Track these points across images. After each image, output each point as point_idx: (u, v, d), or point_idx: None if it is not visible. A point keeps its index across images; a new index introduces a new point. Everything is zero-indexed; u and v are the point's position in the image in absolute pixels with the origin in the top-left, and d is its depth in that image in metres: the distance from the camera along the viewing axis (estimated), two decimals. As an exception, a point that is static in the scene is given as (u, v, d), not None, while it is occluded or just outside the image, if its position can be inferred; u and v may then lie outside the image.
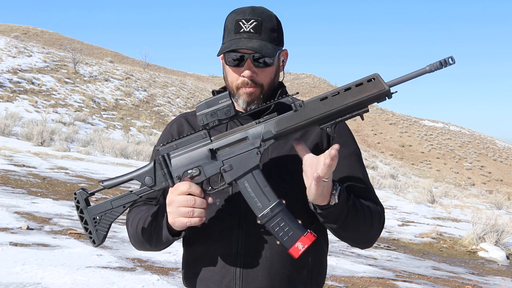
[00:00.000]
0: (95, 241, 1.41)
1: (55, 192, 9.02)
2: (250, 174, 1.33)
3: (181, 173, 1.34)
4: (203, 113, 1.32)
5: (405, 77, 1.27)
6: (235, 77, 1.48)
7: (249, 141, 1.32)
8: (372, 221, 1.46)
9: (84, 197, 1.41)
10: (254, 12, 1.47)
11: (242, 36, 1.45)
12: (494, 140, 74.54)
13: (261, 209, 1.32)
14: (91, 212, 1.40)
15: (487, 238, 9.10)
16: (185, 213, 1.32)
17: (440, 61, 1.22)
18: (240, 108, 1.53)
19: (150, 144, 22.95)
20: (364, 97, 1.26)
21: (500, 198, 21.19)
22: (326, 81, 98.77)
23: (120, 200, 1.40)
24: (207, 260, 1.49)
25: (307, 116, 1.29)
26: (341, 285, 5.46)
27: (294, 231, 1.30)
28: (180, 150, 1.35)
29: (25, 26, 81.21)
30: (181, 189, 1.32)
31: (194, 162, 1.34)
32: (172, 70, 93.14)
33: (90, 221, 1.40)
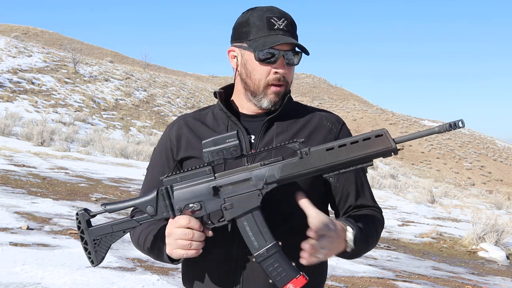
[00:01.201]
0: (93, 261, 1.44)
1: (55, 192, 9.02)
2: (250, 214, 1.34)
3: (183, 206, 1.36)
4: (209, 151, 1.32)
5: (413, 135, 1.30)
6: (265, 73, 1.46)
7: (252, 182, 1.33)
8: (378, 237, 1.51)
9: (86, 218, 1.43)
10: (280, 11, 1.48)
11: (278, 33, 1.45)
12: (494, 140, 74.52)
13: (257, 248, 1.34)
14: (92, 233, 1.43)
15: (487, 238, 9.10)
16: (183, 246, 1.34)
17: (450, 123, 1.25)
18: (242, 106, 1.53)
19: (150, 144, 22.96)
20: (370, 152, 1.28)
21: (500, 198, 21.19)
22: (326, 81, 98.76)
23: (120, 225, 1.42)
24: (208, 262, 1.49)
25: (311, 165, 1.30)
26: (341, 285, 5.46)
27: (287, 273, 1.32)
28: (183, 183, 1.37)
29: (25, 26, 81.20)
30: (181, 222, 1.34)
31: (196, 197, 1.35)
32: (172, 70, 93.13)
33: (90, 242, 1.43)
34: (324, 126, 1.54)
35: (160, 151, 1.59)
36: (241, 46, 1.49)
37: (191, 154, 1.52)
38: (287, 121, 1.53)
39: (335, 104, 79.64)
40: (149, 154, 18.89)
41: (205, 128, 1.55)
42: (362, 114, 74.33)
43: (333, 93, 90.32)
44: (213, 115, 1.58)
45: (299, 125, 1.53)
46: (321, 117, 1.56)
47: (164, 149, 1.58)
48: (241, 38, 1.49)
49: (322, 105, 75.26)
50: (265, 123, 1.51)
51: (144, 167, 15.15)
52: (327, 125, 1.54)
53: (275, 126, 1.52)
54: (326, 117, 1.57)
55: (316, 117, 1.56)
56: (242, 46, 1.49)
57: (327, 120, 1.56)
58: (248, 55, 1.48)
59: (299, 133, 1.52)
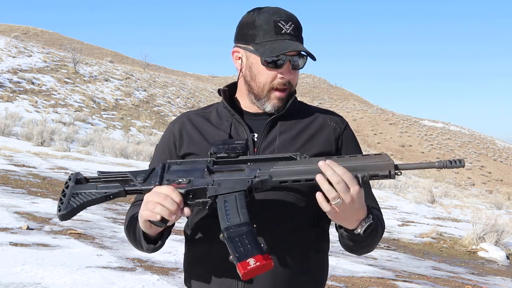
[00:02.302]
0: (60, 209, 1.34)
1: (55, 192, 9.02)
2: (234, 195, 1.32)
3: (172, 179, 1.36)
4: (216, 145, 1.39)
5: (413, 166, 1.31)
6: (270, 77, 1.47)
7: (245, 172, 1.34)
8: (381, 236, 1.50)
9: (77, 177, 1.41)
10: (287, 14, 1.48)
11: (286, 38, 1.45)
12: (494, 140, 74.54)
13: (228, 223, 1.28)
14: (75, 188, 1.39)
15: (487, 238, 9.10)
16: (151, 207, 1.28)
17: (450, 160, 1.27)
18: (246, 105, 1.54)
19: (150, 144, 22.95)
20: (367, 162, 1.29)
21: (500, 198, 21.18)
22: (326, 81, 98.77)
23: (105, 187, 1.38)
24: (209, 260, 1.49)
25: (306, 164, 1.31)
26: (341, 285, 5.46)
27: (251, 249, 1.22)
28: (182, 166, 1.39)
29: (25, 26, 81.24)
30: (163, 190, 1.30)
31: (188, 175, 1.36)
32: (172, 70, 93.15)
33: (69, 194, 1.37)
34: (328, 126, 1.54)
35: (163, 147, 1.59)
36: (247, 48, 1.49)
37: (192, 151, 1.52)
38: (290, 121, 1.53)
39: (335, 104, 79.65)
40: (149, 154, 18.89)
41: (209, 125, 1.55)
42: (362, 114, 74.34)
43: (333, 93, 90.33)
44: (217, 113, 1.58)
45: (303, 124, 1.53)
46: (325, 117, 1.57)
47: (167, 144, 1.58)
48: (246, 40, 1.48)
49: (322, 105, 75.23)
50: (268, 122, 1.51)
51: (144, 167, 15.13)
52: (331, 124, 1.55)
53: (279, 125, 1.52)
54: (330, 117, 1.57)
55: (320, 117, 1.56)
56: (247, 49, 1.48)
57: (331, 120, 1.56)
58: (254, 58, 1.47)
59: (302, 132, 1.52)
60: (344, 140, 1.54)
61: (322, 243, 1.54)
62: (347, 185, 1.24)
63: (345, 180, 1.24)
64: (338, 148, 1.53)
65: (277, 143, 1.49)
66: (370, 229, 1.35)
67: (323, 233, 1.54)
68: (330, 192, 1.24)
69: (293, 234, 1.46)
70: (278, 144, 1.49)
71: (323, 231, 1.54)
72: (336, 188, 1.23)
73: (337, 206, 1.25)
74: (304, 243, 1.47)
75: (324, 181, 1.24)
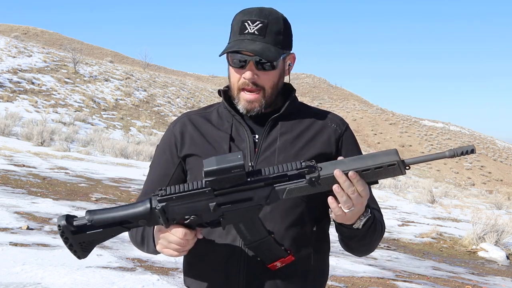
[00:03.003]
0: (80, 257, 1.37)
1: (55, 192, 9.02)
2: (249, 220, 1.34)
3: (177, 218, 1.31)
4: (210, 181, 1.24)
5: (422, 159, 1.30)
6: (237, 78, 1.47)
7: (253, 202, 1.30)
8: (381, 236, 1.50)
9: (70, 230, 1.32)
10: (261, 14, 1.45)
11: (246, 38, 1.43)
12: (494, 140, 74.53)
13: (249, 240, 1.37)
14: (78, 239, 1.33)
15: (487, 238, 9.10)
16: (175, 249, 1.35)
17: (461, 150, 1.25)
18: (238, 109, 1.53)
19: (150, 144, 22.95)
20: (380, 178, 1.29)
21: (500, 198, 21.17)
22: (326, 81, 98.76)
23: (109, 232, 1.34)
24: (210, 260, 1.49)
25: (318, 189, 1.29)
26: (341, 285, 5.45)
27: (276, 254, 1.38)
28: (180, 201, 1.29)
29: (25, 26, 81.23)
30: (177, 234, 1.32)
31: (193, 211, 1.30)
32: (172, 70, 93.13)
33: (76, 244, 1.34)
34: (329, 127, 1.54)
35: (164, 148, 1.58)
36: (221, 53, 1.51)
37: (193, 152, 1.52)
38: (291, 121, 1.53)
39: (335, 104, 79.63)
40: (149, 154, 18.89)
41: (210, 125, 1.55)
42: (362, 114, 74.32)
43: (333, 93, 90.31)
44: (218, 113, 1.58)
45: (304, 125, 1.53)
46: (326, 118, 1.56)
47: (168, 145, 1.57)
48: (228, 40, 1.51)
49: (322, 105, 75.22)
50: (269, 123, 1.51)
51: (144, 167, 15.14)
52: (331, 126, 1.54)
53: (279, 126, 1.52)
54: (331, 118, 1.57)
55: (320, 118, 1.56)
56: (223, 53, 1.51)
57: (331, 121, 1.56)
58: (227, 59, 1.50)
59: (303, 133, 1.52)
60: (345, 141, 1.54)
61: (323, 244, 1.54)
62: (360, 195, 1.28)
63: (358, 190, 1.27)
64: (338, 149, 1.53)
65: (277, 144, 1.49)
66: (369, 223, 1.37)
67: (323, 234, 1.54)
68: (346, 203, 1.27)
69: (294, 234, 1.46)
70: (279, 145, 1.48)
71: (323, 232, 1.54)
72: (351, 198, 1.27)
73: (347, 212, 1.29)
74: (305, 243, 1.48)
75: (342, 193, 1.27)
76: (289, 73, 1.57)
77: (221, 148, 1.49)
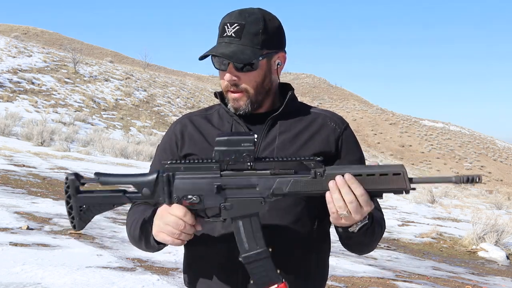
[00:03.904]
0: (75, 226, 1.40)
1: (55, 192, 9.02)
2: (248, 218, 1.33)
3: (181, 196, 1.32)
4: (221, 150, 1.27)
5: (428, 180, 1.31)
6: (221, 80, 1.49)
7: (257, 190, 1.31)
8: (381, 235, 1.50)
9: (75, 185, 1.38)
10: (240, 16, 1.46)
11: (224, 41, 1.45)
12: (494, 140, 74.53)
13: (246, 250, 1.33)
14: (79, 200, 1.37)
15: (487, 238, 9.10)
16: (171, 233, 1.33)
17: (467, 177, 1.24)
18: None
19: (150, 144, 22.95)
20: (383, 188, 1.28)
21: (500, 198, 21.16)
22: (326, 81, 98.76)
23: (111, 198, 1.37)
24: (210, 260, 1.49)
25: (323, 186, 1.29)
26: (341, 285, 5.45)
27: (269, 277, 1.32)
28: (186, 174, 1.32)
29: (25, 26, 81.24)
30: (176, 212, 1.32)
31: (197, 190, 1.31)
32: (172, 70, 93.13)
33: (75, 208, 1.39)
34: (328, 126, 1.54)
35: (164, 147, 1.60)
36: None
37: (193, 151, 1.53)
38: (290, 120, 1.53)
39: (335, 104, 79.63)
40: (149, 154, 18.89)
41: (210, 126, 1.56)
42: (362, 114, 74.32)
43: (333, 93, 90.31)
44: (218, 114, 1.59)
45: (303, 125, 1.53)
46: (325, 117, 1.56)
47: (169, 144, 1.59)
48: None
49: (322, 105, 75.20)
50: (268, 122, 1.51)
51: (144, 167, 15.14)
52: (331, 125, 1.54)
53: (278, 125, 1.52)
54: (330, 117, 1.57)
55: (320, 117, 1.55)
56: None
57: (331, 120, 1.55)
58: None
59: (302, 132, 1.51)
60: (345, 140, 1.54)
61: (323, 244, 1.54)
62: (360, 205, 1.26)
63: (360, 202, 1.26)
64: (338, 148, 1.52)
65: (276, 143, 1.49)
66: (365, 228, 1.36)
67: (323, 234, 1.54)
68: (341, 209, 1.27)
69: (294, 234, 1.46)
70: (277, 144, 1.49)
71: (323, 232, 1.54)
72: (348, 206, 1.26)
73: (343, 217, 1.28)
74: (305, 243, 1.48)
75: (339, 199, 1.26)
76: (279, 72, 1.54)
77: None
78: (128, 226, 1.54)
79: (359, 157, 1.56)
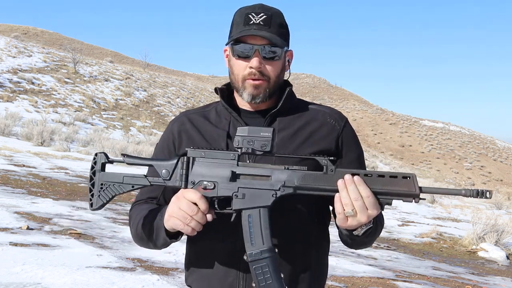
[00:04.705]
0: (92, 204, 1.43)
1: (55, 192, 9.02)
2: (258, 211, 1.34)
3: (197, 181, 1.35)
4: (241, 136, 1.33)
5: (438, 190, 1.31)
6: (242, 68, 1.47)
7: (270, 181, 1.33)
8: (381, 232, 1.51)
9: (102, 161, 1.44)
10: (263, 7, 1.49)
11: (252, 27, 1.45)
12: (494, 140, 74.50)
13: (252, 246, 1.33)
14: (103, 177, 1.43)
15: (487, 238, 9.10)
16: (183, 217, 1.33)
17: (477, 190, 1.25)
18: (243, 103, 1.54)
19: (150, 144, 22.95)
20: (393, 190, 1.28)
21: (500, 198, 21.17)
22: (326, 81, 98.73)
23: (131, 178, 1.42)
24: (211, 258, 1.49)
25: (333, 183, 1.29)
26: (341, 285, 5.46)
27: (272, 282, 1.30)
28: (206, 160, 1.36)
29: (25, 26, 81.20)
30: (191, 196, 1.33)
31: (212, 176, 1.35)
32: (172, 70, 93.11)
33: (97, 184, 1.43)
34: (328, 123, 1.54)
35: (162, 146, 1.61)
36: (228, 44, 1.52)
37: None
38: (289, 117, 1.53)
39: (335, 104, 79.59)
40: (149, 154, 18.89)
41: (208, 123, 1.56)
42: (362, 114, 74.31)
43: (333, 93, 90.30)
44: (216, 112, 1.59)
45: (302, 122, 1.53)
46: (324, 114, 1.56)
47: (166, 143, 1.60)
48: (228, 36, 1.52)
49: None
50: (267, 119, 1.51)
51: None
52: (330, 122, 1.54)
53: (277, 122, 1.52)
54: (330, 114, 1.57)
55: (319, 114, 1.56)
56: (228, 45, 1.52)
57: (330, 117, 1.56)
58: (229, 51, 1.51)
59: (301, 130, 1.52)
60: (345, 138, 1.54)
61: (323, 242, 1.55)
62: (365, 205, 1.26)
63: (366, 203, 1.26)
64: (338, 146, 1.53)
65: (276, 140, 1.48)
66: (369, 231, 1.37)
67: (323, 232, 1.55)
68: (347, 206, 1.27)
69: (295, 231, 1.47)
70: (277, 142, 1.48)
71: (323, 230, 1.55)
72: (354, 204, 1.26)
73: (348, 216, 1.29)
74: (305, 240, 1.49)
75: (346, 195, 1.27)
76: (289, 69, 1.58)
77: (218, 145, 1.50)
78: (134, 223, 1.53)
79: (359, 154, 1.57)
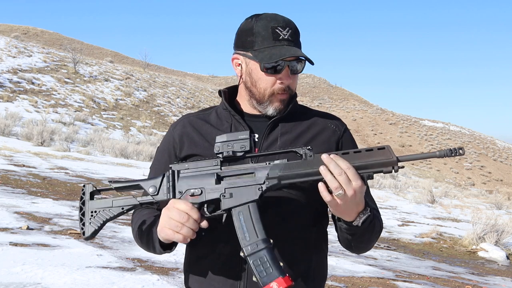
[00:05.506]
0: (84, 233, 1.44)
1: (55, 192, 9.02)
2: (247, 206, 1.36)
3: (184, 190, 1.38)
4: (221, 142, 1.39)
5: (414, 156, 1.34)
6: (270, 83, 1.49)
7: (254, 177, 1.36)
8: (380, 234, 1.52)
9: (90, 190, 1.46)
10: (284, 20, 1.50)
11: (283, 44, 1.47)
12: (494, 140, 74.52)
13: (247, 242, 1.35)
14: (92, 205, 1.44)
15: (487, 238, 9.10)
16: (174, 226, 1.34)
17: (450, 149, 1.30)
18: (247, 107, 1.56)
19: (150, 144, 22.96)
20: (372, 161, 1.31)
21: (500, 198, 21.18)
22: (326, 81, 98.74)
23: (120, 201, 1.44)
24: (212, 260, 1.50)
25: (313, 166, 1.32)
26: (341, 285, 5.46)
27: (272, 271, 1.31)
28: (190, 171, 1.40)
29: (25, 26, 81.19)
30: (181, 206, 1.34)
31: (198, 184, 1.38)
32: (172, 70, 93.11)
33: (87, 213, 1.44)
34: (328, 128, 1.58)
35: (163, 150, 1.62)
36: (246, 55, 1.51)
37: (194, 152, 1.54)
38: (291, 122, 1.55)
39: (335, 104, 79.63)
40: (149, 154, 18.90)
41: (209, 126, 1.58)
42: (362, 114, 74.32)
43: (333, 93, 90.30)
44: (216, 114, 1.60)
45: (304, 126, 1.56)
46: (325, 119, 1.60)
47: (167, 147, 1.61)
48: (245, 46, 1.51)
49: (322, 105, 75.26)
50: (270, 123, 1.53)
51: (144, 167, 15.15)
52: (331, 127, 1.58)
53: (280, 127, 1.54)
54: (330, 119, 1.61)
55: (320, 120, 1.59)
56: (246, 55, 1.51)
57: (331, 122, 1.60)
58: (253, 64, 1.50)
59: (303, 134, 1.54)
60: (345, 142, 1.58)
61: (322, 243, 1.56)
62: (349, 178, 1.28)
63: (348, 175, 1.28)
64: (338, 149, 1.56)
65: (278, 143, 1.51)
66: (368, 221, 1.39)
67: (322, 233, 1.57)
68: (332, 182, 1.28)
69: (294, 232, 1.48)
70: (279, 145, 1.51)
71: (322, 231, 1.57)
72: (338, 180, 1.28)
73: (339, 198, 1.29)
74: (304, 241, 1.50)
75: (327, 172, 1.29)
76: None
77: None
78: (134, 229, 1.56)
79: None
